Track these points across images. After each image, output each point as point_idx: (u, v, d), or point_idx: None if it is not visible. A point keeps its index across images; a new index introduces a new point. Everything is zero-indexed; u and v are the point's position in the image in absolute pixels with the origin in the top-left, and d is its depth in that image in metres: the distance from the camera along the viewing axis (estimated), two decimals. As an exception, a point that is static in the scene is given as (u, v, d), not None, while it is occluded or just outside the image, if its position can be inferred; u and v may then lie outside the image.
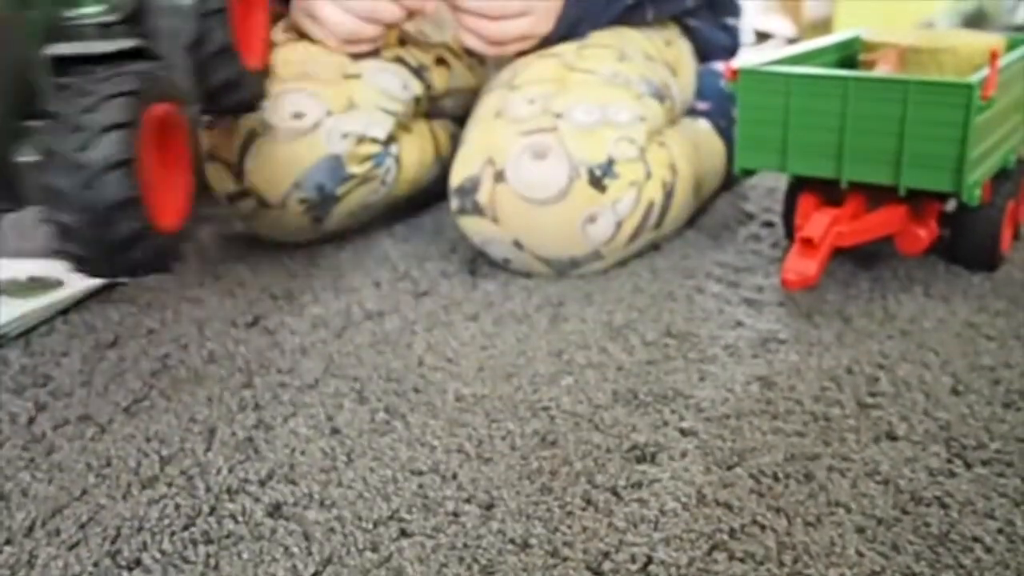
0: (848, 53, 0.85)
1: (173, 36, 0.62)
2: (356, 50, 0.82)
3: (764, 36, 1.95)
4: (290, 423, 0.57)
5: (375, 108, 0.82)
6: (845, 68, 0.84)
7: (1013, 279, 0.76)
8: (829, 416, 0.57)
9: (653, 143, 0.79)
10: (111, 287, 0.78)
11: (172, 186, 0.61)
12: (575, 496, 0.50)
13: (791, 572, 0.44)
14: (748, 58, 0.78)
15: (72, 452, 0.55)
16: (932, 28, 1.67)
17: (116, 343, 0.69)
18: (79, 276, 0.77)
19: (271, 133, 0.78)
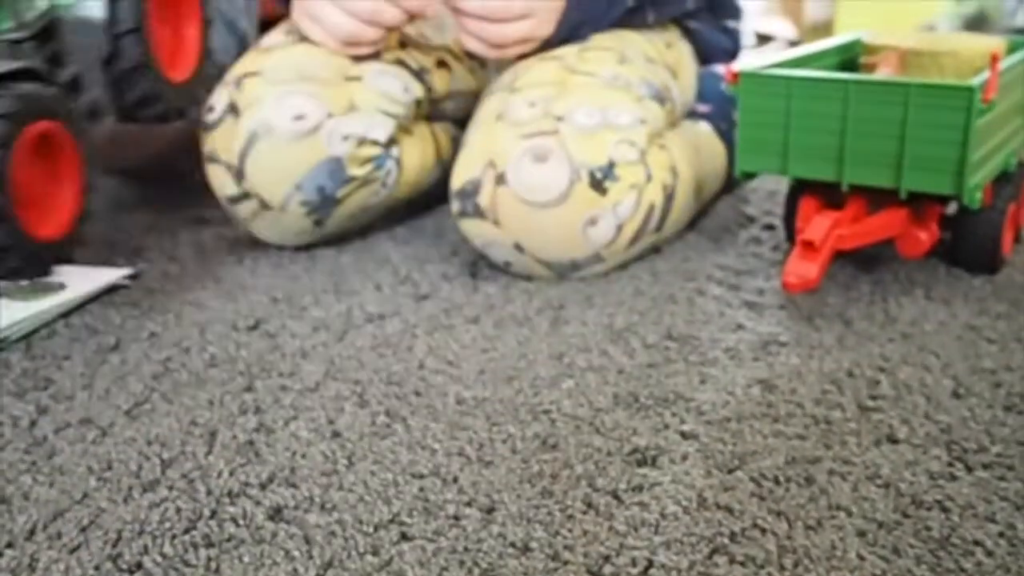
0: (849, 56, 0.86)
1: (86, 52, 0.64)
2: (357, 52, 0.82)
3: (765, 38, 1.95)
4: (291, 426, 0.57)
5: (376, 110, 0.82)
6: (846, 71, 0.84)
7: (1014, 282, 0.76)
8: (830, 419, 0.57)
9: (654, 146, 0.79)
10: (112, 290, 0.79)
11: (55, 198, 0.68)
12: (576, 499, 0.50)
13: (792, 576, 0.44)
14: (749, 61, 0.78)
15: (73, 455, 0.55)
16: (933, 31, 1.68)
17: (117, 346, 0.69)
18: (81, 279, 0.78)
19: (272, 135, 0.78)
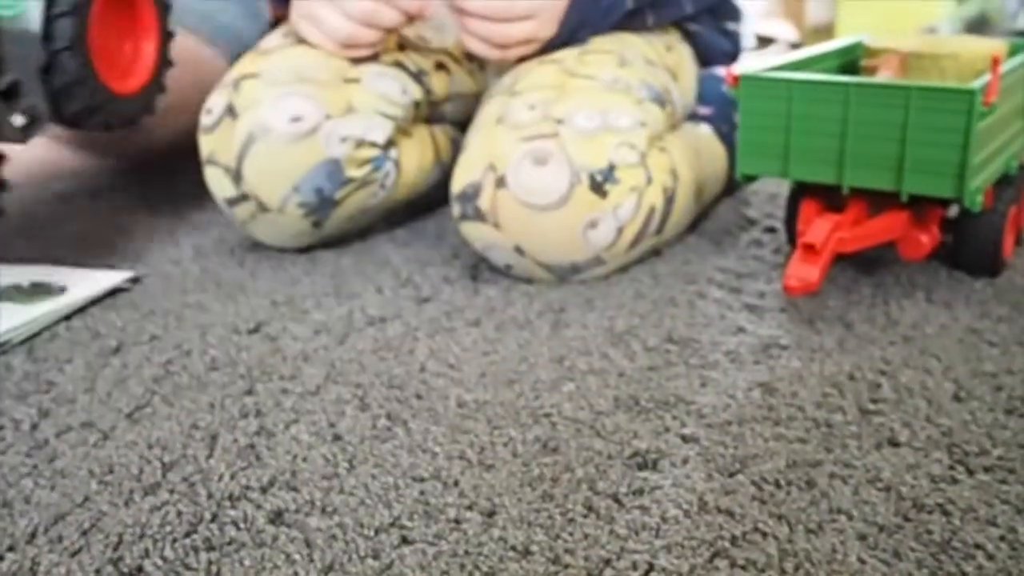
0: (850, 59, 0.86)
1: (22, 62, 0.63)
2: (355, 54, 0.83)
3: (767, 41, 1.96)
4: (292, 430, 0.57)
5: (374, 112, 0.82)
6: (847, 74, 0.84)
7: (1015, 285, 0.75)
8: (831, 422, 0.57)
9: (654, 148, 0.79)
10: (114, 293, 0.79)
11: None
12: (576, 503, 0.49)
13: (793, 579, 0.44)
14: (750, 63, 0.78)
15: (74, 459, 0.55)
16: (934, 33, 1.68)
17: (119, 349, 0.69)
18: (82, 283, 0.78)
19: (269, 137, 0.78)
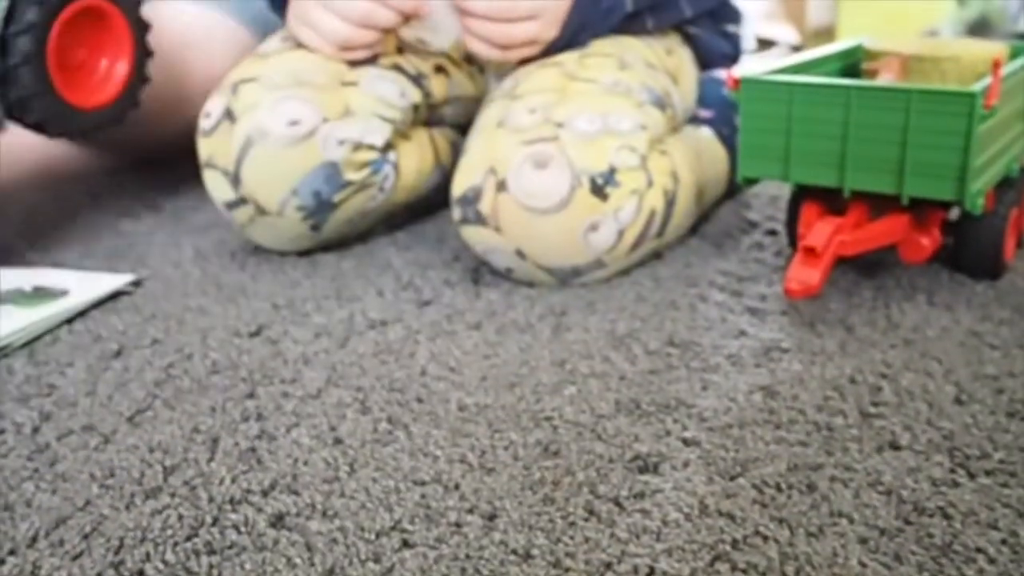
0: (851, 62, 0.86)
1: None
2: (352, 56, 0.83)
3: (768, 43, 1.96)
4: (293, 433, 0.57)
5: (372, 115, 0.82)
6: (848, 77, 0.84)
7: (1017, 288, 0.75)
8: (832, 426, 0.57)
9: (655, 151, 0.79)
10: (115, 297, 0.79)
11: None
12: (577, 507, 0.50)
13: (794, 583, 0.44)
14: (750, 66, 0.78)
15: (76, 462, 0.55)
16: (936, 36, 1.68)
17: (120, 353, 0.69)
18: (84, 286, 0.78)
19: (267, 140, 0.78)
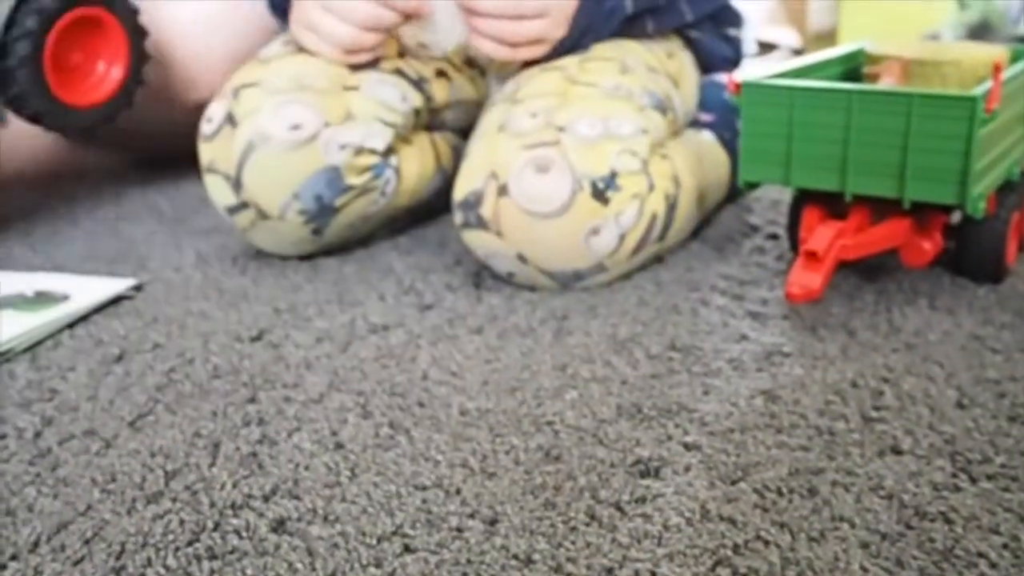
0: (852, 65, 0.86)
1: None
2: (355, 60, 0.83)
3: (769, 47, 1.96)
4: (294, 438, 0.57)
5: (373, 119, 0.82)
6: (849, 81, 0.84)
7: (1018, 291, 0.75)
8: (833, 430, 0.57)
9: (656, 155, 0.79)
10: (117, 301, 0.79)
11: None
12: (579, 511, 0.49)
13: (795, 588, 0.44)
14: (752, 70, 0.78)
15: (77, 467, 0.55)
16: (937, 40, 1.68)
17: (122, 357, 0.69)
18: (85, 290, 0.78)
19: (269, 144, 0.79)
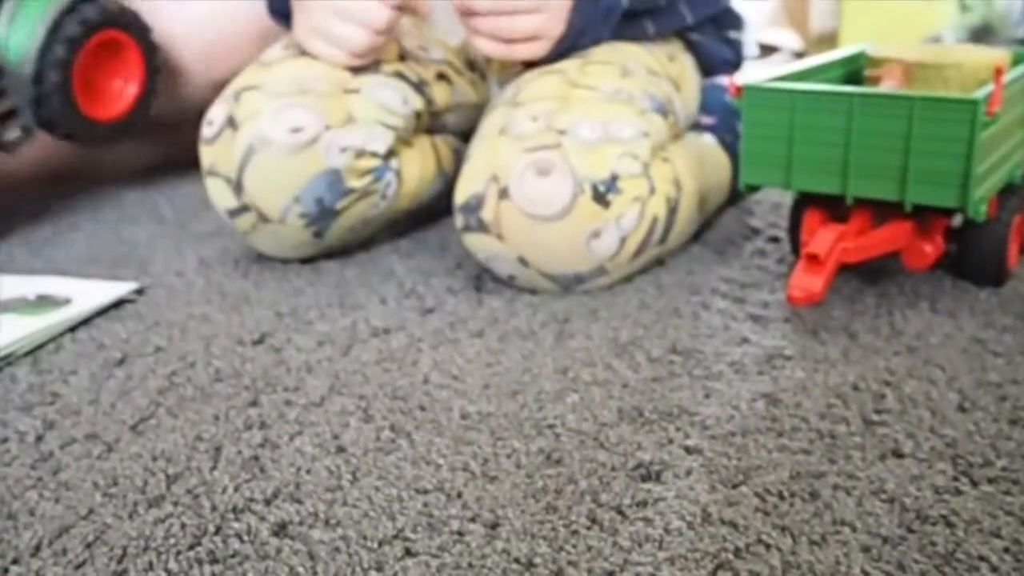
0: (853, 68, 0.86)
1: (20, 94, 0.94)
2: (363, 62, 0.83)
3: (770, 49, 1.96)
4: (296, 441, 0.57)
5: (374, 122, 0.82)
6: (850, 84, 0.84)
7: (1020, 294, 0.75)
8: (835, 433, 0.57)
9: (657, 158, 0.79)
10: (118, 305, 0.79)
11: None
12: (580, 515, 0.49)
13: (796, 592, 0.44)
14: (753, 73, 0.78)
15: (79, 471, 0.55)
16: (938, 42, 1.68)
17: (123, 361, 0.69)
18: (87, 294, 0.78)
19: (269, 148, 0.79)
